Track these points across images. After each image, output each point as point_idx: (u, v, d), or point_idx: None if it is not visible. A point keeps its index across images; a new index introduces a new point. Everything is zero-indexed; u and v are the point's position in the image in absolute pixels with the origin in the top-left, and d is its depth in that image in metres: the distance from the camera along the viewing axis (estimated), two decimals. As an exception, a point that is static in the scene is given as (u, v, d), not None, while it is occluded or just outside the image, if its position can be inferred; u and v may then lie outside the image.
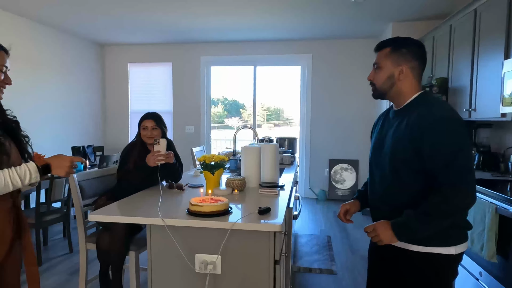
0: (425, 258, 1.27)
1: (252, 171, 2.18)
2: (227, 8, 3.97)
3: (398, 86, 1.33)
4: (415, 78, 1.34)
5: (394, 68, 1.32)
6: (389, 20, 4.43)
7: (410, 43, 1.35)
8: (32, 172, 1.19)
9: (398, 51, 1.32)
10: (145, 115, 2.39)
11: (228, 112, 6.20)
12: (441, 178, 1.19)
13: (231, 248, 1.48)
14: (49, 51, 4.80)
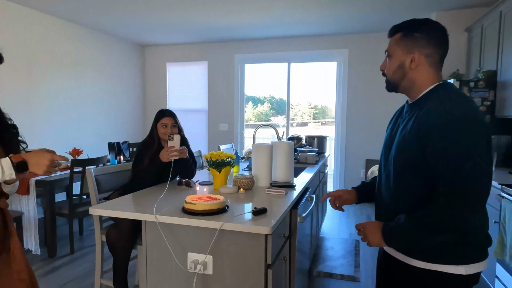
0: (429, 275, 1.10)
1: (262, 170, 2.11)
2: (258, 4, 3.90)
3: (410, 76, 1.15)
4: (432, 67, 1.14)
5: (405, 55, 1.15)
6: (432, 10, 4.07)
7: (425, 26, 1.15)
8: (5, 168, 1.07)
9: (410, 36, 1.14)
10: (163, 112, 2.38)
11: (274, 110, 6.14)
12: (442, 185, 1.02)
13: (223, 249, 1.43)
14: (93, 53, 5.11)
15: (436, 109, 1.06)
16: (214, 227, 1.39)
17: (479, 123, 1.02)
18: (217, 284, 1.45)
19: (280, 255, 1.57)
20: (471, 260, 1.08)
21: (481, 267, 1.11)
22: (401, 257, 1.17)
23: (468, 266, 1.08)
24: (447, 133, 1.01)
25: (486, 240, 1.13)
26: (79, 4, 3.92)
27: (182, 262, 1.47)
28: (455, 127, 1.01)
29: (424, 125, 1.06)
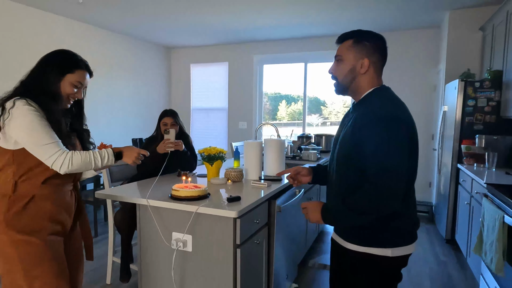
0: (361, 257, 1.26)
1: (251, 164, 2.32)
2: (276, 6, 4.07)
3: (358, 79, 1.29)
4: (375, 73, 1.30)
5: (356, 61, 1.28)
6: (446, 8, 4.03)
7: (372, 36, 1.30)
8: (109, 155, 1.44)
9: (360, 43, 1.28)
10: (164, 112, 2.64)
11: (308, 109, 6.28)
12: (367, 174, 1.18)
13: (200, 229, 1.67)
14: (124, 55, 5.55)
15: (366, 110, 1.23)
16: (191, 210, 1.63)
17: (399, 122, 1.16)
18: (195, 259, 1.69)
19: (253, 238, 1.78)
20: (397, 244, 1.23)
21: (407, 250, 1.25)
22: (340, 241, 1.34)
23: (395, 249, 1.22)
24: (371, 130, 1.17)
25: (412, 225, 1.27)
26: (111, 12, 4.33)
27: (167, 240, 1.73)
28: (378, 124, 1.17)
29: (357, 124, 1.23)
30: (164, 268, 1.76)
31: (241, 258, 1.63)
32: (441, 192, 3.84)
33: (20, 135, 1.29)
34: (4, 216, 1.31)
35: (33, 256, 1.33)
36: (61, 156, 1.31)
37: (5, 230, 1.30)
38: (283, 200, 2.15)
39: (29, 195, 1.35)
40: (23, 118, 1.28)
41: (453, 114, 3.42)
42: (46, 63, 1.43)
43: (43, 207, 1.37)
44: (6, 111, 1.28)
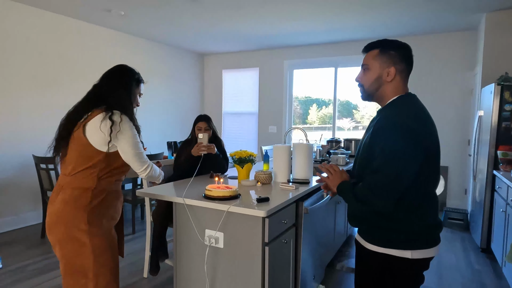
0: (380, 257, 1.30)
1: (280, 168, 2.41)
2: (307, 12, 4.16)
3: (384, 87, 1.33)
4: (401, 81, 1.34)
5: (382, 69, 1.32)
6: (482, 11, 3.93)
7: (398, 45, 1.34)
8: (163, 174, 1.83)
9: (386, 52, 1.32)
10: (199, 117, 2.80)
11: (340, 113, 6.31)
12: (371, 169, 1.25)
13: (232, 227, 1.78)
14: (160, 62, 5.86)
15: (384, 116, 1.29)
16: (223, 209, 1.74)
17: (408, 130, 1.21)
18: (226, 255, 1.81)
19: (280, 237, 1.87)
20: (416, 246, 1.26)
21: (428, 253, 1.28)
22: (362, 242, 1.39)
23: (414, 251, 1.26)
24: (382, 134, 1.24)
25: (430, 228, 1.29)
26: (150, 22, 4.61)
27: (201, 236, 1.86)
28: (389, 129, 1.23)
29: (374, 128, 1.30)
30: (197, 262, 1.89)
31: (269, 256, 1.73)
32: (476, 199, 3.72)
33: (125, 147, 1.55)
34: (87, 206, 1.51)
35: (102, 244, 1.54)
36: (149, 167, 1.65)
37: (84, 219, 1.50)
38: (310, 202, 2.22)
39: (106, 191, 1.58)
40: (129, 132, 1.55)
41: (489, 119, 3.33)
42: (124, 79, 1.66)
43: (112, 201, 1.62)
44: (117, 124, 1.51)
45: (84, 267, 1.51)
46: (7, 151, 3.83)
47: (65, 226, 1.49)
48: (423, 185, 1.26)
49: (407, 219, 1.26)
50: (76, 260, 1.51)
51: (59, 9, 4.08)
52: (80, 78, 4.51)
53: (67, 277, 1.54)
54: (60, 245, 1.51)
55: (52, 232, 1.52)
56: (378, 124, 1.29)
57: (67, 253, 1.51)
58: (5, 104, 3.77)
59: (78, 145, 1.52)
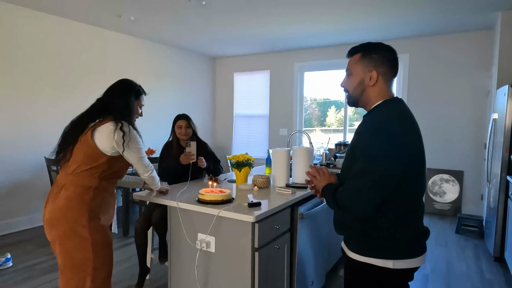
0: (362, 267, 1.27)
1: (279, 172, 2.39)
2: (317, 14, 4.13)
3: (368, 91, 1.31)
4: (385, 84, 1.30)
5: (365, 73, 1.29)
6: (497, 9, 3.78)
7: (380, 48, 1.31)
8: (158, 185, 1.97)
9: (368, 56, 1.29)
10: (178, 116, 2.81)
11: (359, 115, 6.22)
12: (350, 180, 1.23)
13: (223, 232, 1.78)
14: (172, 65, 5.94)
15: (366, 120, 1.27)
16: (213, 213, 1.74)
17: (388, 134, 1.18)
18: (218, 260, 1.80)
19: (273, 243, 1.85)
20: (399, 256, 1.22)
21: (412, 263, 1.23)
22: (346, 250, 1.36)
23: (397, 261, 1.21)
24: (364, 138, 1.22)
25: (415, 237, 1.24)
26: (160, 26, 4.69)
27: (193, 240, 1.86)
28: (369, 134, 1.21)
29: (356, 133, 1.29)
30: (189, 266, 1.89)
31: (259, 261, 1.71)
32: (490, 205, 3.57)
33: (133, 154, 1.71)
34: (89, 203, 1.61)
35: (101, 239, 1.63)
36: (152, 171, 1.86)
37: (86, 214, 1.59)
38: (307, 207, 2.19)
39: (105, 190, 1.69)
40: (136, 140, 1.71)
41: (503, 122, 3.19)
42: (126, 91, 1.79)
43: (110, 200, 1.73)
44: (127, 134, 1.66)
45: (84, 262, 1.59)
46: (22, 153, 3.97)
47: (68, 221, 1.58)
48: (407, 191, 1.21)
49: (390, 227, 1.22)
50: (76, 254, 1.59)
51: (71, 15, 4.21)
52: (92, 82, 4.64)
53: (66, 271, 1.61)
54: (61, 240, 1.59)
55: (54, 228, 1.59)
56: (360, 128, 1.26)
57: (68, 248, 1.59)
58: (22, 108, 3.92)
59: (85, 148, 1.64)
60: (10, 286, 2.69)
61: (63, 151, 1.67)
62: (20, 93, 3.92)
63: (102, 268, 1.64)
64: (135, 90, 1.82)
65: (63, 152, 1.67)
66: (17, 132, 3.92)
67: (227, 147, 6.99)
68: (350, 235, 1.32)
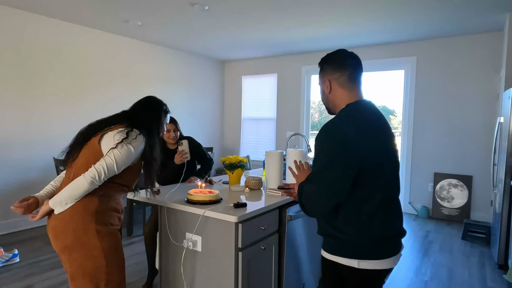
0: (331, 264, 1.30)
1: (271, 174, 2.41)
2: (321, 19, 4.14)
3: (330, 99, 1.37)
4: (342, 88, 1.33)
5: (322, 84, 1.38)
6: (505, 10, 3.70)
7: (329, 56, 1.37)
8: None
9: (321, 68, 1.39)
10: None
11: None
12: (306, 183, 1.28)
13: (209, 232, 1.82)
14: (181, 69, 6.05)
15: (321, 127, 1.30)
16: (199, 213, 1.78)
17: (332, 139, 1.22)
18: (204, 259, 1.84)
19: (258, 244, 1.87)
20: (363, 257, 1.24)
21: (378, 265, 1.24)
22: (320, 250, 1.37)
23: (362, 261, 1.24)
24: (316, 144, 1.27)
25: (377, 241, 1.25)
26: (168, 31, 4.80)
27: (181, 239, 1.91)
28: (321, 139, 1.25)
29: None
30: (177, 264, 1.94)
31: (242, 261, 1.74)
32: (496, 211, 3.47)
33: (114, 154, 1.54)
34: (94, 211, 1.53)
35: (111, 245, 1.57)
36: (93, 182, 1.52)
37: (93, 221, 1.53)
38: (298, 209, 2.20)
39: (111, 197, 1.61)
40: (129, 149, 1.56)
41: (508, 125, 3.11)
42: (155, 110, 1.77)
43: (117, 205, 1.65)
44: (129, 139, 1.57)
45: (96, 269, 1.53)
46: (32, 154, 4.13)
47: (74, 232, 1.51)
48: (363, 194, 1.22)
49: (350, 230, 1.24)
50: (88, 263, 1.53)
51: (81, 21, 4.37)
52: (102, 85, 4.78)
53: (78, 279, 1.55)
54: (70, 250, 1.52)
55: (60, 239, 1.53)
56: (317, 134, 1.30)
57: (78, 257, 1.53)
58: (32, 110, 4.09)
59: (90, 152, 1.56)
60: (16, 280, 2.81)
61: (73, 151, 1.60)
62: (30, 96, 4.09)
63: (116, 272, 1.59)
64: (164, 109, 1.80)
65: (72, 152, 1.61)
66: (27, 133, 4.08)
67: (235, 149, 7.05)
68: (321, 234, 1.35)
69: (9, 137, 3.93)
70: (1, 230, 3.90)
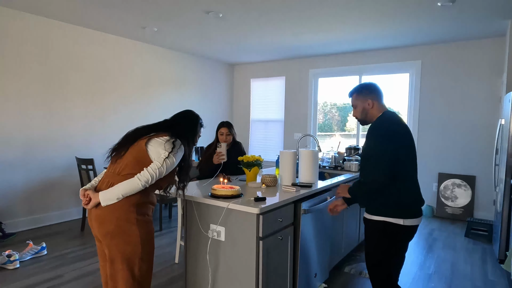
0: (379, 224, 1.86)
1: (285, 171, 2.60)
2: (328, 24, 4.34)
3: (370, 113, 1.99)
4: (378, 105, 1.98)
5: (364, 102, 1.99)
6: (507, 17, 3.86)
7: (365, 85, 2.03)
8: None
9: (361, 93, 2.00)
10: (221, 124, 3.17)
11: None
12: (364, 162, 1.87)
13: (232, 223, 2.01)
14: (192, 72, 6.27)
15: (372, 126, 1.91)
16: (223, 205, 1.98)
17: (382, 129, 1.83)
18: (227, 247, 2.03)
19: (276, 234, 2.06)
20: (406, 216, 1.82)
21: (414, 222, 1.83)
22: (368, 216, 1.93)
23: (406, 219, 1.81)
24: (370, 133, 1.87)
25: (413, 204, 1.85)
26: (183, 36, 5.02)
27: (206, 229, 2.10)
28: (373, 130, 1.87)
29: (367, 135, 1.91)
30: (203, 253, 2.13)
31: (263, 249, 1.93)
32: (497, 210, 3.63)
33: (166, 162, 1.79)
34: (136, 202, 1.76)
35: (147, 234, 1.81)
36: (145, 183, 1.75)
37: (134, 212, 1.76)
38: (311, 203, 2.39)
39: (149, 191, 1.83)
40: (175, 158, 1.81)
41: (508, 127, 3.28)
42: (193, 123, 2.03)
43: (152, 200, 1.89)
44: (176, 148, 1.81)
45: (132, 254, 1.76)
46: (55, 153, 4.36)
47: (117, 219, 1.72)
48: (404, 170, 1.79)
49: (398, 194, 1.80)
50: (126, 248, 1.73)
51: (101, 27, 4.60)
52: (118, 89, 5.01)
53: (117, 263, 1.75)
54: (112, 236, 1.72)
55: (104, 225, 1.72)
56: (369, 131, 1.88)
57: (118, 243, 1.73)
58: (55, 112, 4.32)
59: (137, 152, 1.79)
60: (47, 270, 3.02)
61: (120, 149, 1.84)
62: (53, 99, 4.32)
63: (147, 259, 1.81)
64: (200, 122, 2.06)
65: (120, 150, 1.84)
66: (51, 134, 4.31)
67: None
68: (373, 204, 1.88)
69: (34, 138, 4.16)
70: (26, 225, 4.13)
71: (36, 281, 2.83)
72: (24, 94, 4.05)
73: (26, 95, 4.06)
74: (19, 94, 4.01)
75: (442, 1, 3.44)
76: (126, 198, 1.74)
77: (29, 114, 4.10)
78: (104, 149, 4.83)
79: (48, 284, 2.78)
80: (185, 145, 1.88)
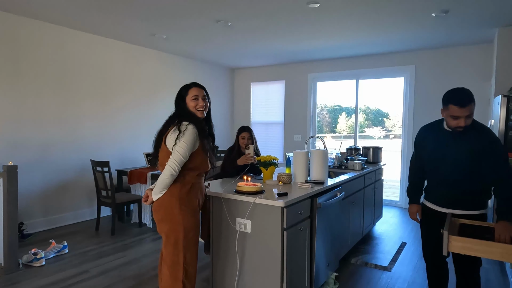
0: (480, 216, 2.08)
1: (299, 170, 2.84)
2: (328, 32, 4.62)
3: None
4: None
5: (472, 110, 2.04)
6: (495, 26, 4.18)
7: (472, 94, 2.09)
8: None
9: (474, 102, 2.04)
10: (243, 128, 3.42)
11: (370, 121, 6.35)
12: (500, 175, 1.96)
13: (258, 216, 2.23)
14: (193, 77, 6.47)
15: (483, 132, 2.01)
16: (250, 200, 2.20)
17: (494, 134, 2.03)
18: (253, 239, 2.25)
19: (297, 226, 2.29)
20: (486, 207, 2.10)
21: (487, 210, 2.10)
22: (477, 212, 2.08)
23: (486, 209, 2.09)
24: (498, 147, 1.97)
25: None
26: (188, 43, 5.23)
27: (233, 223, 2.32)
28: (497, 144, 1.99)
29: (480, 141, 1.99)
30: (230, 245, 2.35)
31: (287, 239, 2.16)
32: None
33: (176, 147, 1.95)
34: (178, 194, 1.98)
35: (190, 224, 2.01)
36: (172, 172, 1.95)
37: (177, 203, 1.98)
38: (324, 199, 2.63)
39: (190, 182, 2.02)
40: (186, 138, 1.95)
41: (497, 127, 3.57)
42: (176, 97, 2.17)
43: (196, 191, 2.07)
44: (182, 132, 1.95)
45: (177, 241, 1.98)
46: (71, 155, 4.52)
47: (164, 209, 1.97)
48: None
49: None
50: (172, 235, 1.96)
51: (111, 34, 4.78)
52: (128, 93, 5.19)
53: (168, 246, 1.99)
54: (162, 223, 1.98)
55: (156, 214, 2.00)
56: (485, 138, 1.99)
57: (166, 229, 1.97)
58: (70, 117, 4.48)
59: (162, 151, 2.03)
60: (73, 266, 3.20)
61: (155, 154, 2.09)
62: (67, 103, 4.48)
63: (191, 247, 2.02)
64: (183, 87, 2.15)
65: (156, 155, 2.08)
66: (66, 137, 4.47)
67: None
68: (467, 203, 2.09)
69: (50, 141, 4.32)
70: (43, 226, 4.27)
71: (65, 276, 3.00)
72: (40, 99, 4.20)
73: (41, 100, 4.22)
74: (35, 99, 4.17)
75: (436, 12, 3.73)
76: (170, 192, 1.98)
77: (44, 118, 4.26)
78: (115, 151, 5.00)
79: (78, 279, 2.95)
80: (191, 121, 1.99)
